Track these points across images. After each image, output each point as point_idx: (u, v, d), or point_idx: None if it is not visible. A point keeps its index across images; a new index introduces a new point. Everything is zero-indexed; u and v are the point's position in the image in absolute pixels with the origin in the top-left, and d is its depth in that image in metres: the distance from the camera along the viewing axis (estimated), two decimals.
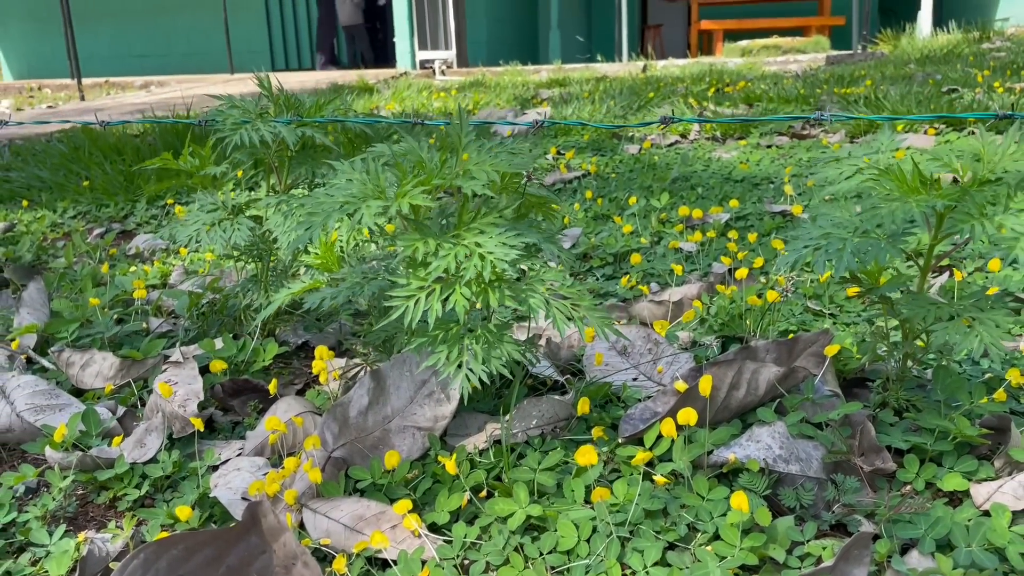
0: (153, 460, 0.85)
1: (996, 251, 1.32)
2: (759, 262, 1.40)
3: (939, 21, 12.06)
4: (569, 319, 0.78)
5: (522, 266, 0.85)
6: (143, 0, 10.95)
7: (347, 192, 0.80)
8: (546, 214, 0.98)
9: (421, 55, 8.08)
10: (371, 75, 7.61)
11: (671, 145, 2.70)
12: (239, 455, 0.86)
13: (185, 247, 1.05)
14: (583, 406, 0.83)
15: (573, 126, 2.97)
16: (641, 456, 0.72)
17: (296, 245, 0.76)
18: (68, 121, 2.05)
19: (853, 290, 0.92)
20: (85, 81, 7.30)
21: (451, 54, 7.98)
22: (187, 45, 11.00)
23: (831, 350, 0.89)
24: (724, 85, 4.43)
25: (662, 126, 2.98)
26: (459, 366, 0.74)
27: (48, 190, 2.41)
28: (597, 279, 1.50)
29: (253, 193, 2.15)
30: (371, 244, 1.43)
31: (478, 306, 0.75)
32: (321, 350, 0.91)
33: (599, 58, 8.12)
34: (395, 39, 8.19)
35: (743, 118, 1.59)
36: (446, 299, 0.74)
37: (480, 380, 0.74)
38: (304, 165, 1.09)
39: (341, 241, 1.02)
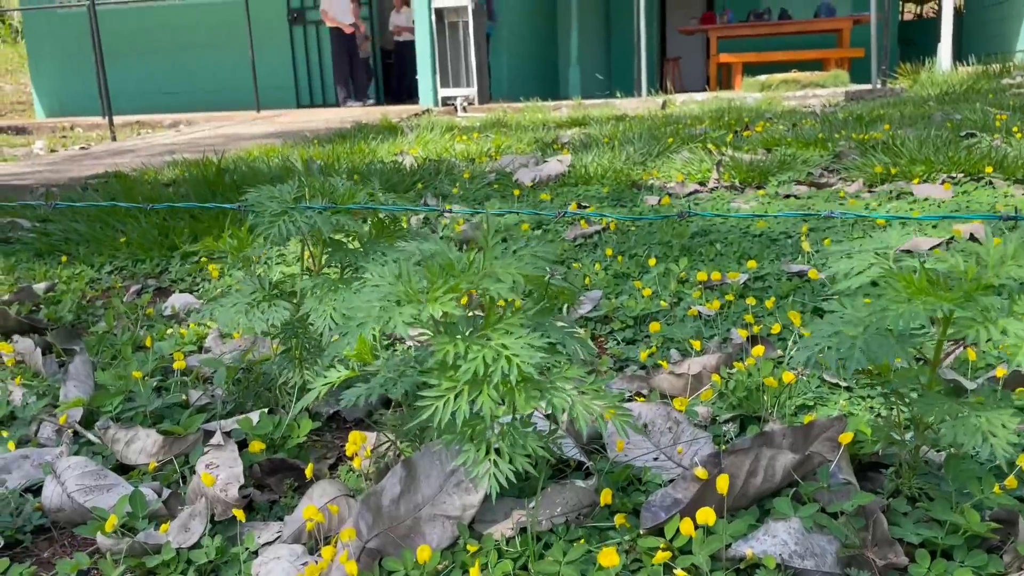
0: (197, 545, 0.89)
1: (1001, 350, 1.35)
2: (776, 328, 1.43)
3: (959, 54, 12.08)
4: (591, 415, 0.82)
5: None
6: (171, 38, 11.23)
7: (380, 295, 0.84)
8: (568, 299, 1.03)
9: (443, 92, 8.22)
10: (394, 112, 7.75)
11: (690, 195, 2.75)
12: (278, 538, 0.90)
13: (226, 328, 1.10)
14: (605, 496, 0.86)
15: (593, 174, 3.02)
16: (662, 555, 0.76)
17: (335, 351, 0.81)
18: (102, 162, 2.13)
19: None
20: (116, 119, 7.48)
21: (472, 91, 8.11)
22: (213, 82, 11.24)
23: (845, 438, 0.92)
24: (743, 127, 4.48)
25: (682, 175, 3.03)
26: (486, 463, 0.79)
27: (86, 243, 2.50)
28: (618, 343, 1.54)
29: (283, 260, 2.21)
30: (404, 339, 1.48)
31: (503, 411, 0.80)
32: (355, 435, 0.96)
33: (618, 94, 8.21)
34: (418, 76, 8.34)
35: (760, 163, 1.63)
36: (474, 400, 0.79)
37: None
38: (338, 252, 1.14)
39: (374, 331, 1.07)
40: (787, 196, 2.66)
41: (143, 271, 2.21)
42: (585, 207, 2.52)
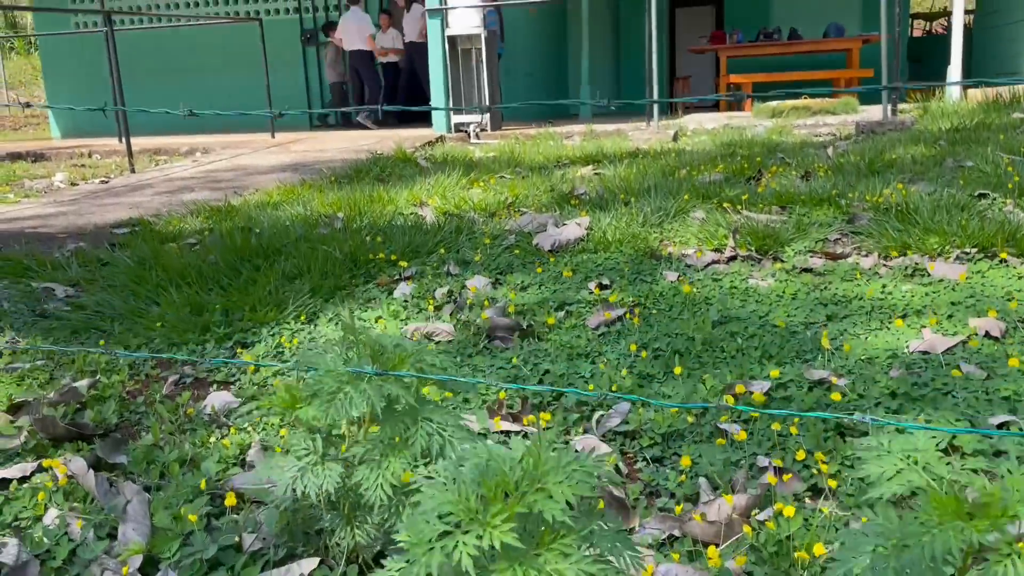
0: None
1: None
2: (800, 455, 1.49)
3: (969, 70, 12.08)
4: None
5: None
6: (186, 59, 11.33)
7: (438, 507, 0.90)
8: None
9: (456, 119, 8.29)
10: (407, 138, 7.81)
11: (708, 267, 2.80)
12: None
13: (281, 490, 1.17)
14: None
15: (612, 239, 3.08)
16: None
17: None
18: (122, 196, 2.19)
19: None
20: (133, 140, 7.47)
21: (485, 118, 8.18)
22: (228, 102, 11.34)
23: None
24: (756, 172, 4.52)
25: (698, 240, 3.08)
26: None
27: (120, 320, 2.57)
28: (647, 461, 1.60)
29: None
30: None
31: None
32: None
33: (629, 122, 8.25)
34: (431, 102, 8.40)
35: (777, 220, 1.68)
36: None
37: None
38: (388, 423, 1.20)
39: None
40: (804, 270, 2.71)
41: (179, 356, 2.28)
42: (606, 287, 2.58)
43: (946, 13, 13.54)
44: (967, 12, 13.26)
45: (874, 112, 8.17)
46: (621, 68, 12.83)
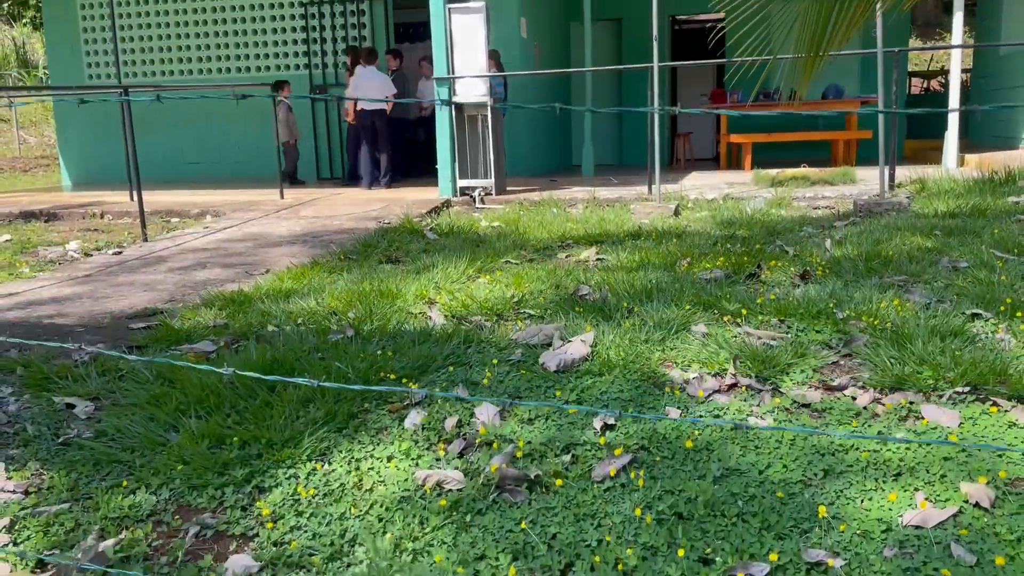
0: None
1: None
2: None
3: (966, 130, 12.27)
4: None
5: None
6: (197, 111, 11.53)
7: None
8: None
9: (462, 183, 8.45)
10: (414, 203, 7.95)
11: (709, 396, 2.89)
12: None
13: None
14: None
15: (615, 360, 3.18)
16: None
17: None
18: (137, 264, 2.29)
19: None
20: (144, 193, 7.51)
21: (490, 182, 8.34)
22: (237, 153, 11.53)
23: None
24: (755, 266, 4.63)
25: (699, 363, 3.18)
26: None
27: (140, 450, 2.66)
28: None
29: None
30: None
31: None
32: None
33: (632, 186, 8.39)
34: (438, 167, 8.57)
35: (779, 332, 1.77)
36: None
37: None
38: None
39: None
40: (803, 406, 2.81)
41: (198, 503, 2.36)
42: (610, 426, 2.67)
43: (943, 71, 13.78)
44: (964, 71, 13.50)
45: (872, 178, 8.30)
46: (623, 124, 13.03)
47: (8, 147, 17.88)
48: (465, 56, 8.18)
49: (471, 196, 8.38)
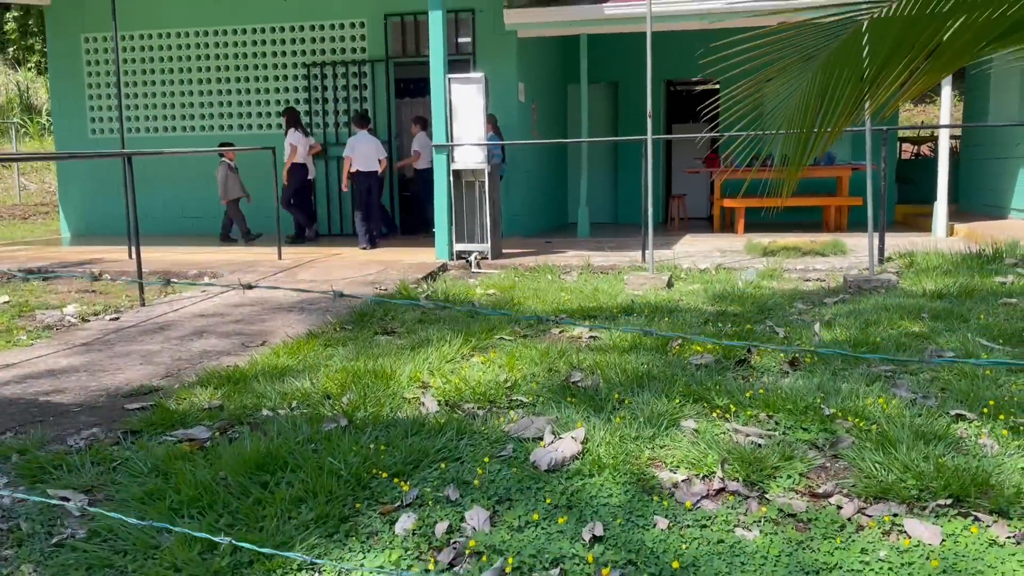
0: None
1: None
2: None
3: (956, 195, 12.46)
4: None
5: None
6: (197, 168, 11.67)
7: None
8: None
9: (458, 246, 8.57)
10: (410, 267, 8.03)
11: (697, 503, 2.93)
12: None
13: None
14: None
15: (605, 460, 3.22)
16: None
17: None
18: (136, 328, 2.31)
19: None
20: (144, 254, 7.49)
21: (486, 247, 8.45)
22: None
23: None
24: (744, 353, 4.70)
25: (687, 465, 3.22)
26: None
27: (133, 554, 2.68)
28: None
29: None
30: None
31: None
32: None
33: (627, 250, 8.49)
34: (435, 230, 8.68)
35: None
36: None
37: None
38: None
39: None
40: (789, 515, 2.85)
41: None
42: (599, 538, 2.71)
43: (933, 138, 14.06)
44: (954, 138, 13.77)
45: (862, 247, 8.41)
46: (619, 183, 13.23)
47: (8, 193, 18.03)
48: (464, 124, 8.35)
49: (467, 260, 8.48)
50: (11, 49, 28.13)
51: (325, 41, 11.32)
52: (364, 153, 9.60)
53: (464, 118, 8.35)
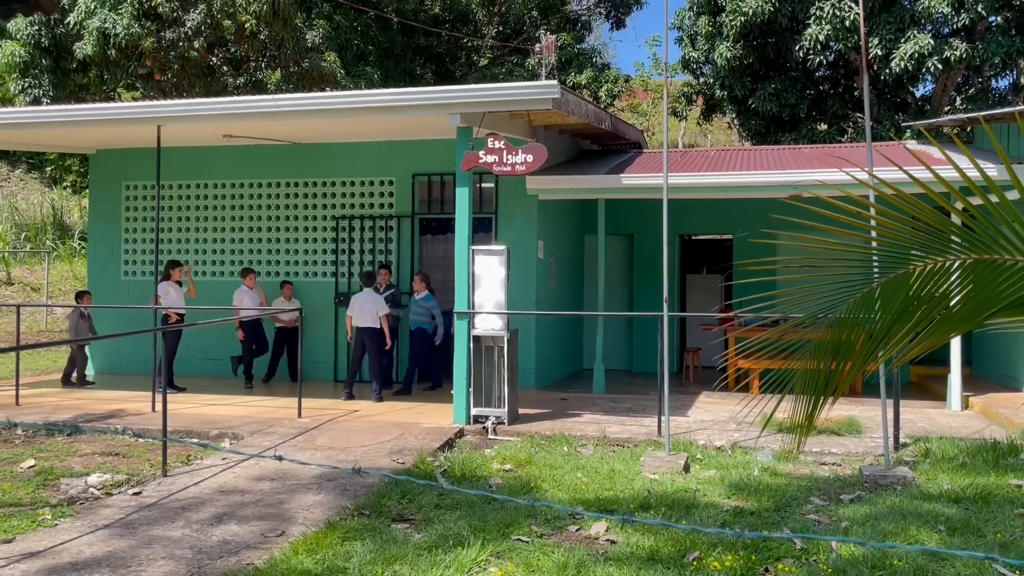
0: None
1: None
2: None
3: (969, 356, 12.54)
4: None
5: None
6: (219, 312, 11.94)
7: None
8: None
9: (475, 411, 8.69)
10: (427, 432, 8.11)
11: None
12: None
13: None
14: None
15: None
16: None
17: None
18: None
19: None
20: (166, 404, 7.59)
21: (503, 412, 8.58)
22: (260, 361, 11.81)
23: None
24: (762, 574, 4.71)
25: None
26: None
27: None
28: None
29: None
30: None
31: None
32: None
33: (643, 415, 8.56)
34: (453, 392, 8.83)
35: None
36: None
37: None
38: None
39: None
40: None
41: None
42: None
43: None
44: None
45: (876, 426, 8.43)
46: (634, 332, 13.45)
47: (35, 319, 18.46)
48: (485, 291, 8.65)
49: (484, 425, 8.58)
50: (48, 168, 29.37)
51: (355, 196, 11.87)
52: (362, 311, 10.17)
53: (486, 286, 8.66)
